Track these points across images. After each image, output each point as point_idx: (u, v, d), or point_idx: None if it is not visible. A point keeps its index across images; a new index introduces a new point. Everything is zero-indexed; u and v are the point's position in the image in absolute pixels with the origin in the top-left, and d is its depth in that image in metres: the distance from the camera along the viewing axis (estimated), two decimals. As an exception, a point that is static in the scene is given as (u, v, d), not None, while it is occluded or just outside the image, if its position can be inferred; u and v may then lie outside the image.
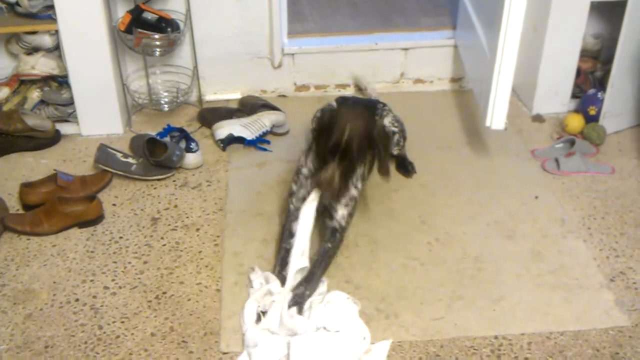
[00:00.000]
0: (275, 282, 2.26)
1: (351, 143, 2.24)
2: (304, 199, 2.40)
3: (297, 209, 2.40)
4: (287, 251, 2.33)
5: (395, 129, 2.84)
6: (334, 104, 2.87)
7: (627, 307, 2.27)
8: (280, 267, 2.34)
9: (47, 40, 3.08)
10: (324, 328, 2.12)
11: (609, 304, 2.28)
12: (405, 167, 2.91)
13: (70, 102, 3.13)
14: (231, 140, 3.06)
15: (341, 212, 2.40)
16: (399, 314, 2.23)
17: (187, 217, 2.67)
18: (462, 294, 2.31)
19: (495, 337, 2.16)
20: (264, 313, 2.18)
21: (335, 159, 2.25)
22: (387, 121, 2.83)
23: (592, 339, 2.15)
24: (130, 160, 2.87)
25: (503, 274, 2.40)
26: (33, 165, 2.96)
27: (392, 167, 2.93)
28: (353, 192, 2.43)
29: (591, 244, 2.54)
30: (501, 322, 2.22)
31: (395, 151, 2.89)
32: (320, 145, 2.33)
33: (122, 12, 3.04)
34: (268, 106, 3.23)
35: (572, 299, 2.30)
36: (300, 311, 2.17)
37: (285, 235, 2.40)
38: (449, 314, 2.24)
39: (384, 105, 2.92)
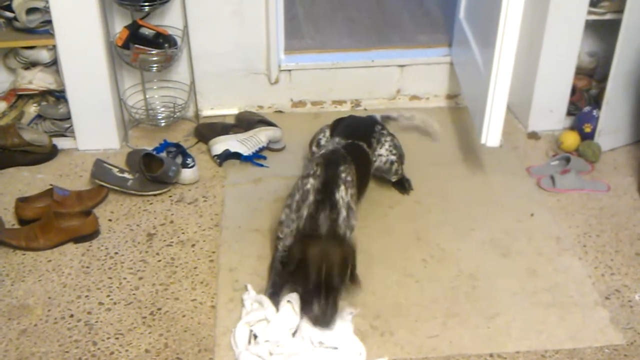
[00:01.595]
0: (269, 307, 2.23)
1: (332, 280, 2.17)
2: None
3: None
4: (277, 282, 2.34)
5: (394, 157, 2.81)
6: (327, 131, 2.86)
7: (623, 325, 2.27)
8: (272, 289, 2.33)
9: (44, 55, 3.10)
10: (320, 343, 2.12)
11: (604, 322, 2.29)
12: (402, 184, 2.92)
13: (67, 117, 3.14)
14: (227, 156, 3.06)
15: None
16: (394, 331, 2.23)
17: (183, 233, 2.66)
18: (457, 312, 2.31)
19: (490, 355, 2.16)
20: (255, 337, 2.16)
21: (320, 297, 2.17)
22: (384, 150, 2.79)
23: (587, 357, 2.15)
24: (126, 175, 2.87)
25: (498, 291, 2.41)
26: (29, 180, 2.96)
27: (388, 184, 2.94)
28: (352, 222, 2.39)
29: (586, 262, 2.55)
30: (496, 340, 2.21)
31: (393, 179, 2.89)
32: (300, 283, 2.24)
33: (119, 28, 3.06)
34: (264, 122, 3.24)
35: (567, 317, 2.30)
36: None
37: (276, 266, 2.39)
38: (443, 332, 2.24)
39: (382, 127, 2.88)
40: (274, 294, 2.31)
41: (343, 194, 2.36)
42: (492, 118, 2.77)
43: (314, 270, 2.17)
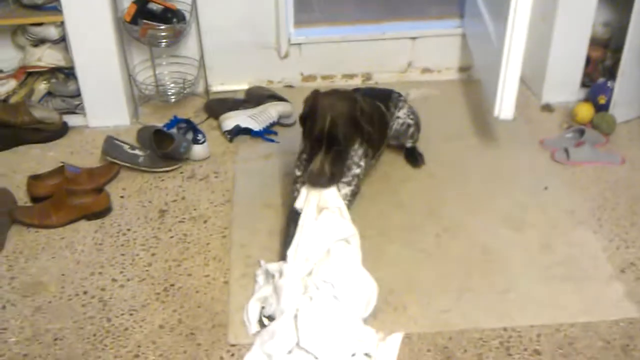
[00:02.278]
0: (279, 280, 2.21)
1: (335, 131, 2.24)
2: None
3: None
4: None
5: (411, 122, 2.83)
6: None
7: (638, 298, 2.25)
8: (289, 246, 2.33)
9: (53, 32, 3.08)
10: (331, 285, 2.14)
11: (619, 296, 2.27)
12: (415, 158, 2.90)
13: (77, 94, 3.13)
14: (238, 131, 3.05)
15: (344, 190, 2.41)
16: (407, 306, 2.22)
17: (195, 209, 2.66)
18: (471, 286, 2.30)
19: (504, 329, 2.15)
20: (268, 317, 2.15)
21: (321, 149, 2.25)
22: (402, 113, 2.81)
23: (602, 330, 2.14)
24: (137, 152, 2.86)
25: (512, 265, 2.39)
26: (40, 158, 2.96)
27: (401, 158, 2.92)
28: (355, 170, 2.45)
29: (601, 235, 2.52)
30: (510, 314, 2.20)
31: (409, 144, 2.88)
32: (306, 135, 2.34)
33: (127, 3, 3.04)
34: (275, 97, 3.22)
35: (582, 290, 2.29)
36: None
37: (290, 223, 2.39)
38: (457, 306, 2.23)
39: (399, 95, 2.89)
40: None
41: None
42: (505, 90, 2.74)
43: (318, 119, 2.24)
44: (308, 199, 2.32)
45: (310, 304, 2.09)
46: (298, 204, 2.36)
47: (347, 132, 2.28)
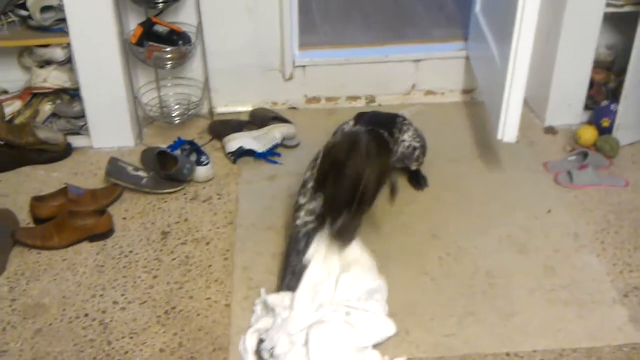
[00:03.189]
0: (282, 310, 2.20)
1: (367, 193, 2.15)
2: (313, 212, 2.39)
3: (307, 223, 2.39)
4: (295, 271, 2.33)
5: (417, 144, 2.79)
6: (351, 121, 2.81)
7: (642, 323, 2.24)
8: (291, 276, 2.31)
9: (59, 54, 3.10)
10: (347, 312, 2.14)
11: (623, 320, 2.25)
12: (418, 181, 2.89)
13: (82, 115, 3.14)
14: (242, 153, 3.05)
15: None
16: (410, 330, 2.21)
17: (198, 231, 2.66)
18: (474, 310, 2.29)
19: (507, 354, 2.13)
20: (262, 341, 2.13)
21: (350, 211, 2.16)
22: (407, 136, 2.77)
23: (606, 356, 2.12)
24: (141, 173, 2.87)
25: (515, 289, 2.38)
26: (44, 179, 2.97)
27: (405, 180, 2.92)
28: None
29: (605, 259, 2.51)
30: (513, 338, 2.19)
31: (414, 167, 2.86)
32: (330, 190, 2.21)
33: (133, 25, 3.05)
34: (279, 119, 3.23)
35: (586, 315, 2.27)
36: None
37: (292, 252, 2.37)
38: (460, 331, 2.21)
39: (404, 119, 2.87)
40: (294, 280, 2.29)
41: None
42: (509, 113, 2.74)
43: (352, 180, 2.13)
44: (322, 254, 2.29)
45: (323, 327, 2.07)
46: (309, 256, 2.31)
47: (376, 193, 2.21)
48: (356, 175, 2.16)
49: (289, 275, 2.32)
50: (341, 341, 2.06)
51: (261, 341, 2.12)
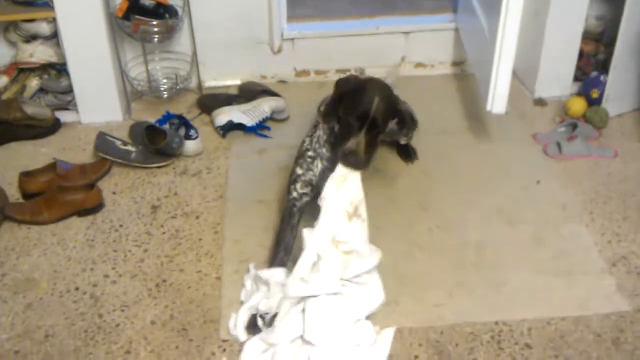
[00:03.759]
0: (273, 286, 2.18)
1: (379, 114, 2.20)
2: (310, 183, 2.39)
3: (303, 195, 2.39)
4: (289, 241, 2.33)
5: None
6: None
7: (629, 292, 2.26)
8: (283, 252, 2.31)
9: (44, 28, 3.06)
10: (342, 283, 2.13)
11: (611, 289, 2.27)
12: (408, 154, 2.90)
13: (69, 90, 3.12)
14: (231, 127, 3.04)
15: None
16: (399, 301, 2.22)
17: (187, 205, 2.66)
18: (463, 281, 2.31)
19: (496, 323, 2.15)
20: (262, 317, 2.12)
21: (361, 130, 2.19)
22: None
23: (593, 324, 2.14)
24: (129, 147, 2.86)
25: (504, 259, 2.39)
26: (33, 154, 2.96)
27: (394, 153, 2.92)
28: None
29: (593, 229, 2.53)
30: (502, 308, 2.21)
31: (403, 141, 2.87)
32: (344, 113, 2.25)
33: (119, -1, 3.02)
34: (268, 92, 3.21)
35: (574, 284, 2.29)
36: None
37: (286, 227, 2.35)
38: (449, 301, 2.23)
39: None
40: (286, 255, 2.29)
41: None
42: (498, 84, 2.74)
43: (366, 99, 2.19)
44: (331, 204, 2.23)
45: (319, 299, 2.07)
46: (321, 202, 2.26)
47: (387, 118, 2.27)
48: (370, 95, 2.21)
49: (282, 251, 2.31)
50: (336, 313, 2.07)
51: (253, 316, 2.12)
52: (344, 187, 2.22)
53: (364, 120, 2.19)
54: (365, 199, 2.25)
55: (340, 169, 2.23)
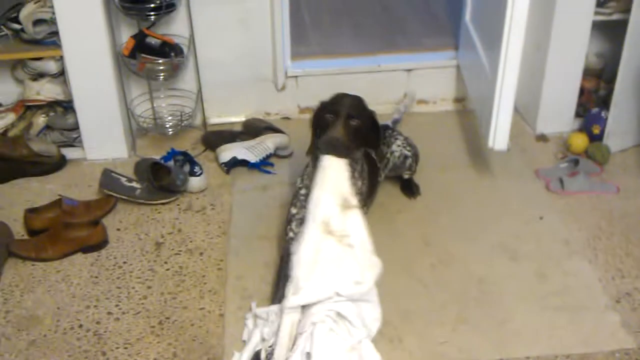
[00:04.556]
0: (270, 324, 2.20)
1: (353, 110, 2.36)
2: (302, 222, 2.39)
3: (298, 235, 2.39)
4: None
5: (408, 153, 2.82)
6: None
7: (634, 328, 2.25)
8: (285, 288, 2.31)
9: (52, 66, 3.11)
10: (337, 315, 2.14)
11: (615, 326, 2.27)
12: (410, 189, 2.91)
13: (76, 127, 3.15)
14: (235, 163, 3.07)
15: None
16: (402, 337, 2.22)
17: (191, 241, 2.67)
18: (467, 317, 2.30)
19: (500, 361, 2.14)
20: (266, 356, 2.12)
21: (339, 120, 2.32)
22: (396, 146, 2.80)
23: (598, 361, 2.14)
24: (134, 184, 2.88)
25: (507, 296, 2.39)
26: (38, 191, 2.98)
27: (397, 188, 2.93)
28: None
29: (596, 265, 2.53)
30: (506, 345, 2.20)
31: (406, 175, 2.89)
32: (319, 114, 2.41)
33: (125, 37, 3.07)
34: (271, 129, 3.24)
35: (578, 321, 2.29)
36: None
37: (285, 266, 2.34)
38: (453, 337, 2.22)
39: (392, 130, 2.91)
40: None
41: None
42: (499, 121, 2.76)
43: (336, 98, 2.41)
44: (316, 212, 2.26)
45: (319, 330, 2.08)
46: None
47: (362, 115, 2.40)
48: (339, 99, 2.43)
49: (282, 289, 2.31)
50: (338, 341, 2.07)
51: (256, 353, 2.12)
52: (329, 179, 2.27)
53: (338, 113, 2.34)
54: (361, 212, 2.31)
55: (325, 160, 2.29)
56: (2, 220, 2.71)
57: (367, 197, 2.57)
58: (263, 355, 2.10)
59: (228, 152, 3.08)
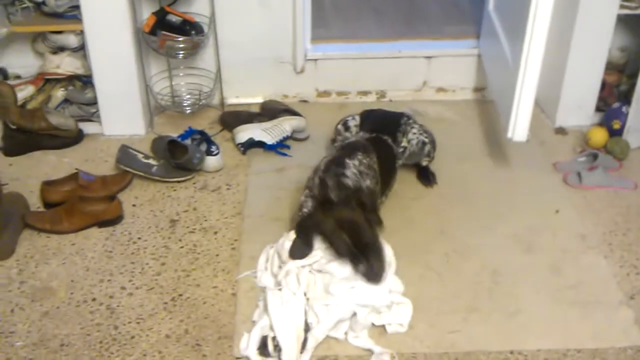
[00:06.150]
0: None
1: (360, 238, 2.22)
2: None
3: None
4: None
5: (426, 139, 2.82)
6: (357, 117, 2.86)
7: (647, 325, 2.24)
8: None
9: (72, 40, 3.11)
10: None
11: (628, 323, 2.25)
12: (427, 177, 2.90)
13: (94, 102, 3.16)
14: (251, 144, 3.06)
15: None
16: (414, 325, 2.22)
17: (206, 220, 2.67)
18: (479, 307, 2.30)
19: (511, 352, 2.14)
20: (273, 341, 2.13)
21: (359, 258, 2.22)
22: (412, 134, 2.79)
23: (610, 357, 2.12)
24: (151, 161, 2.88)
25: (521, 287, 2.38)
26: (55, 164, 2.99)
27: (413, 176, 2.92)
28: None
29: (612, 260, 2.51)
30: (517, 337, 2.19)
31: (425, 162, 2.88)
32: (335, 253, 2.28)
33: (147, 14, 3.07)
34: (289, 111, 3.23)
35: (591, 315, 2.27)
36: None
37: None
38: (464, 327, 2.22)
39: (408, 118, 2.88)
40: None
41: (356, 163, 2.42)
42: (520, 112, 2.74)
43: (337, 242, 2.23)
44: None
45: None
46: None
47: (367, 232, 2.25)
48: (337, 235, 2.25)
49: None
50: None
51: (264, 338, 2.12)
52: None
53: (355, 254, 2.22)
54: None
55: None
56: (18, 192, 2.73)
57: (383, 187, 2.58)
58: (270, 346, 2.09)
59: (245, 132, 3.08)
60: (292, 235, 2.36)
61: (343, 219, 2.24)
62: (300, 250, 2.31)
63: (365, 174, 2.43)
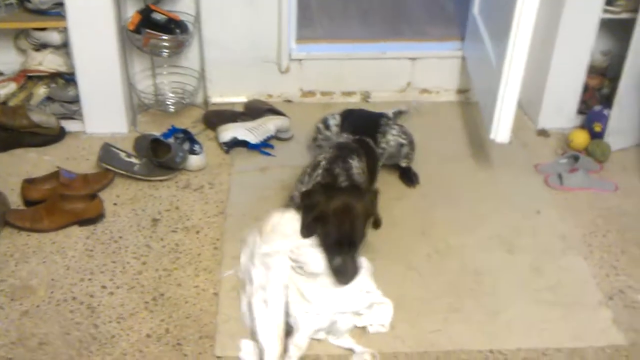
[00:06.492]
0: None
1: (354, 236, 2.22)
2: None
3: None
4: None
5: (404, 141, 2.83)
6: (337, 116, 2.88)
7: (625, 326, 2.26)
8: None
9: (55, 37, 3.09)
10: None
11: (607, 323, 2.27)
12: (409, 177, 2.91)
13: (76, 100, 3.14)
14: (235, 143, 3.06)
15: None
16: (395, 324, 2.22)
17: (188, 219, 2.66)
18: (460, 307, 2.31)
19: (491, 352, 2.15)
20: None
21: (341, 252, 2.20)
22: (391, 136, 2.80)
23: (589, 357, 2.14)
24: (133, 160, 2.87)
25: (501, 288, 2.40)
26: (36, 162, 2.97)
27: (395, 177, 2.93)
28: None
29: (591, 262, 2.53)
30: (497, 336, 2.21)
31: (403, 163, 2.89)
32: (322, 240, 2.25)
33: (131, 12, 3.05)
34: (273, 111, 3.23)
35: (570, 315, 2.29)
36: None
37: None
38: (445, 327, 2.23)
39: (388, 119, 2.90)
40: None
41: (356, 164, 2.44)
42: (503, 114, 2.75)
43: (336, 226, 2.20)
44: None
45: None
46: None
47: (363, 232, 2.27)
48: (339, 220, 2.22)
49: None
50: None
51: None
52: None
53: (341, 245, 2.21)
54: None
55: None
56: (-1, 190, 2.71)
57: (368, 186, 2.57)
58: (252, 345, 2.10)
59: (229, 131, 3.08)
60: (279, 212, 2.35)
61: (345, 207, 2.22)
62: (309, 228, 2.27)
63: (361, 175, 2.45)
